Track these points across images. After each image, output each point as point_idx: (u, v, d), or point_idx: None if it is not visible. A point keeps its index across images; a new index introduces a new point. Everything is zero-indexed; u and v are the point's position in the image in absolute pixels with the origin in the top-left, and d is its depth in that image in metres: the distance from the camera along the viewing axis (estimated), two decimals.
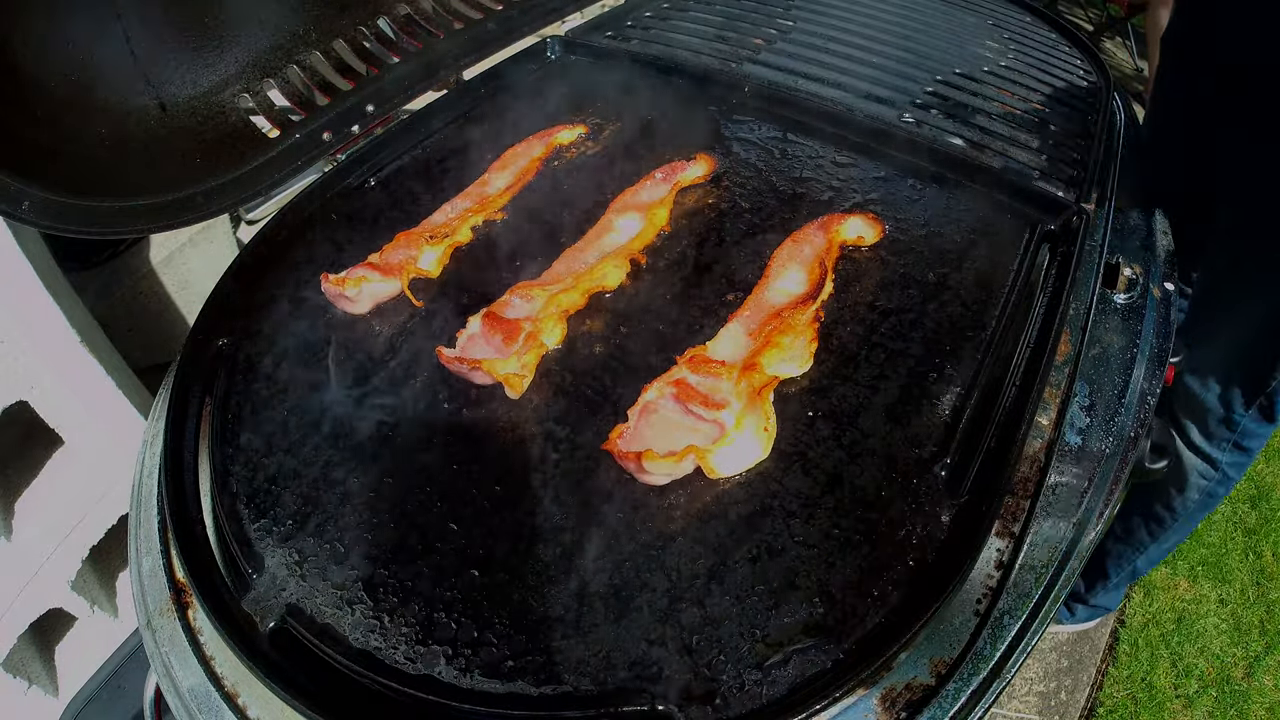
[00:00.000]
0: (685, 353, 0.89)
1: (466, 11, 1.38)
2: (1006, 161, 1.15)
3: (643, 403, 0.85)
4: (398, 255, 1.05)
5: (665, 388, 0.86)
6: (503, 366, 0.88)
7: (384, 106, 1.24)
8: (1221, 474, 1.62)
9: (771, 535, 0.76)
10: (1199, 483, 1.65)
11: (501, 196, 1.16)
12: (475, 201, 1.15)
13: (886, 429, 0.84)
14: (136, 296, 1.67)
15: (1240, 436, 1.54)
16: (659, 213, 1.10)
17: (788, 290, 0.98)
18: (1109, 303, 0.99)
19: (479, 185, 1.19)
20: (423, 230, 1.09)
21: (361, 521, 0.80)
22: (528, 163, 1.22)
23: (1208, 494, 1.67)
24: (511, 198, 1.17)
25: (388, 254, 1.05)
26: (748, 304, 0.97)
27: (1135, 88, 4.73)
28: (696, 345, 0.91)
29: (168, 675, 0.75)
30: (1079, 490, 0.81)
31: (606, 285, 1.01)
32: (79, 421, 1.28)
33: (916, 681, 0.67)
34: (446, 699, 0.66)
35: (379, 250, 1.06)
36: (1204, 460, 1.62)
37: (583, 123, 1.32)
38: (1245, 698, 2.05)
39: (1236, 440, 1.55)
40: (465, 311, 0.99)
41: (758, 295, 0.98)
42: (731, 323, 0.95)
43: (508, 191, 1.18)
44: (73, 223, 0.91)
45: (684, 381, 0.86)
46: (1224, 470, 1.61)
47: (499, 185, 1.18)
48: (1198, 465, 1.63)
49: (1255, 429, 1.53)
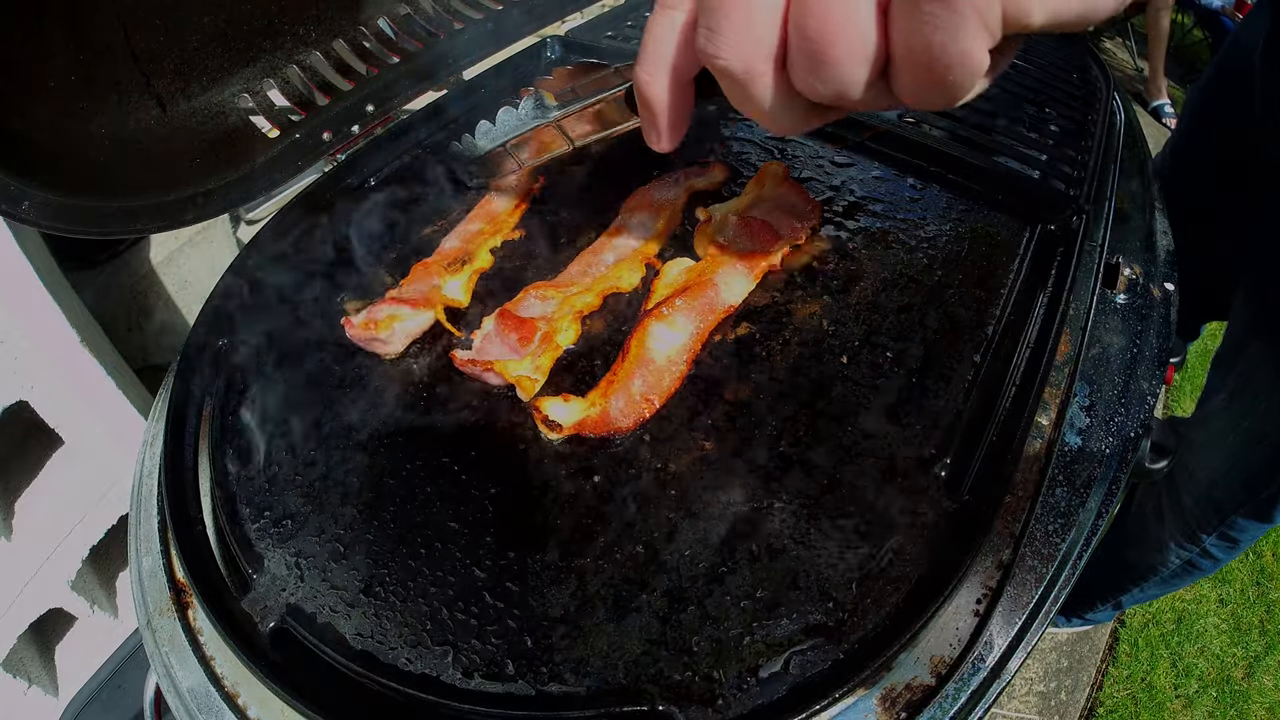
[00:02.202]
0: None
1: (466, 11, 1.38)
2: (1006, 161, 1.15)
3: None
4: (421, 287, 1.00)
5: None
6: (515, 368, 0.89)
7: (384, 106, 1.24)
8: (1202, 550, 1.56)
9: (771, 535, 0.76)
10: (1177, 551, 1.59)
11: (512, 215, 1.13)
12: (486, 222, 1.11)
13: (886, 429, 0.84)
14: (136, 296, 1.68)
15: (1229, 527, 1.49)
16: (671, 214, 1.10)
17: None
18: (1109, 303, 0.99)
19: (484, 205, 1.14)
20: (439, 259, 1.05)
21: (362, 521, 0.80)
22: (528, 180, 1.18)
23: (1188, 563, 1.61)
24: (523, 214, 1.14)
25: (406, 288, 1.00)
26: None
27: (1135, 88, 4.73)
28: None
29: (168, 675, 0.75)
30: (1079, 490, 0.81)
31: (620, 287, 1.02)
32: (79, 421, 1.28)
33: (916, 681, 0.67)
34: (447, 699, 0.66)
35: (397, 284, 1.01)
36: (1184, 534, 1.55)
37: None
38: (1245, 698, 2.05)
39: (1224, 530, 1.49)
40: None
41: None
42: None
43: (516, 210, 1.14)
44: (73, 223, 0.91)
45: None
46: (1207, 549, 1.55)
47: (506, 204, 1.14)
48: (1175, 535, 1.56)
49: (1247, 525, 1.46)
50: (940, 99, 0.47)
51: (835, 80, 0.47)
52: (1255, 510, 1.43)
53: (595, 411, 0.85)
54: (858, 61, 0.46)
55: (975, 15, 0.41)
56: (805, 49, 0.46)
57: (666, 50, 0.55)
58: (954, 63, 0.43)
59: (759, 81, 0.50)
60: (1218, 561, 1.58)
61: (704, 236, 1.06)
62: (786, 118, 0.53)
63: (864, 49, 0.45)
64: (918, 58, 0.44)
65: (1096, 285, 0.97)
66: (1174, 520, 1.57)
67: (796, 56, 0.47)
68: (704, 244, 1.05)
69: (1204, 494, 1.49)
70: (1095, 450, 0.84)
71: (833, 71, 0.46)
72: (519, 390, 0.89)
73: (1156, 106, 4.57)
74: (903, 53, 0.45)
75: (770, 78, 0.50)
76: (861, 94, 0.48)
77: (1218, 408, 1.45)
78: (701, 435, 0.85)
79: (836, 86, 0.47)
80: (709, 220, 1.08)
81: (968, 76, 0.44)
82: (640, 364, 0.88)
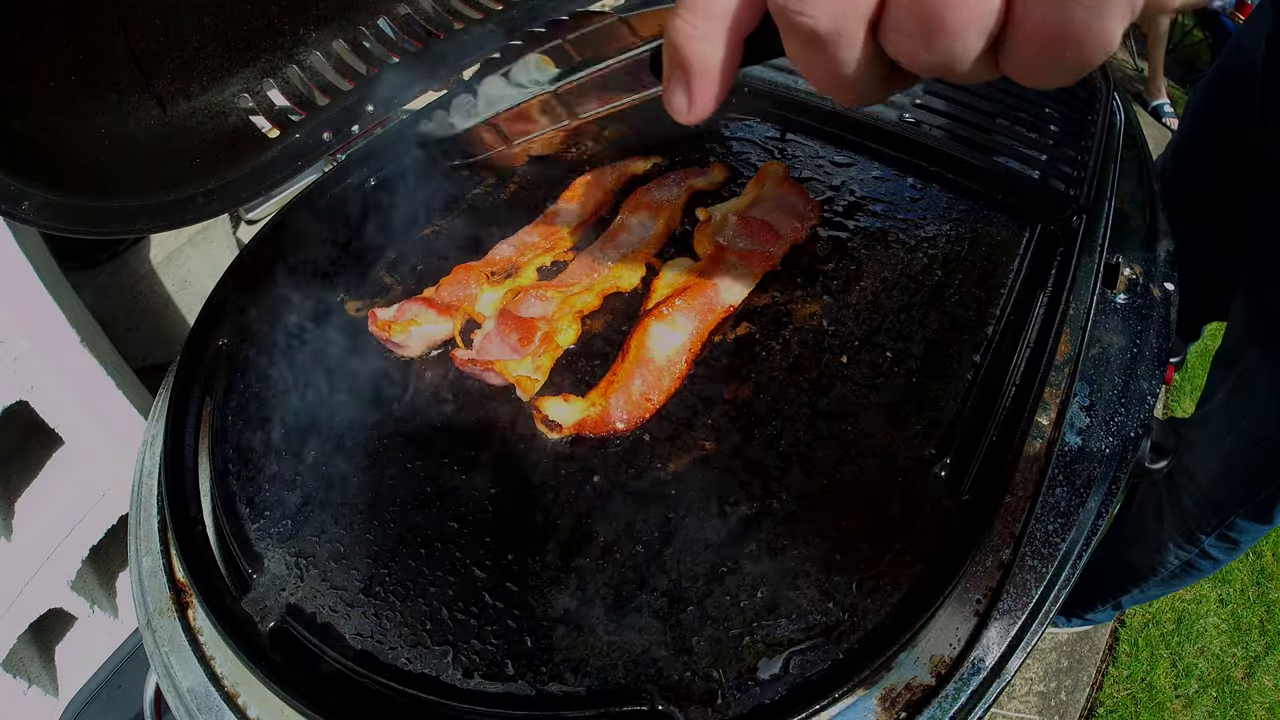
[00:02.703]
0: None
1: (466, 11, 1.38)
2: (1006, 161, 1.15)
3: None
4: (457, 292, 0.96)
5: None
6: (516, 368, 0.89)
7: (384, 106, 1.24)
8: (1201, 551, 1.56)
9: (771, 535, 0.76)
10: (1176, 552, 1.59)
11: (574, 233, 1.09)
12: (544, 237, 1.07)
13: (886, 429, 0.84)
14: (136, 296, 1.67)
15: (1228, 529, 1.49)
16: (671, 214, 1.10)
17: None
18: (1109, 303, 0.99)
19: (549, 218, 1.10)
20: (484, 265, 1.01)
21: (362, 521, 0.80)
22: (600, 194, 1.15)
23: (1187, 564, 1.61)
24: (581, 234, 1.10)
25: (443, 290, 0.96)
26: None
27: (1135, 88, 4.73)
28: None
29: (168, 675, 0.75)
30: (1079, 490, 0.81)
31: (620, 287, 1.02)
32: (79, 421, 1.28)
33: (916, 681, 0.67)
34: (446, 699, 0.66)
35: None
36: (1184, 535, 1.55)
37: (658, 154, 1.24)
38: (1245, 698, 2.05)
39: (1224, 531, 1.50)
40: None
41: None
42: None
43: (579, 228, 1.10)
44: (73, 223, 0.90)
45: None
46: (1206, 550, 1.55)
47: (570, 219, 1.10)
48: (1175, 535, 1.57)
49: (1247, 526, 1.47)
50: (1054, 78, 0.42)
51: (944, 50, 0.42)
52: (1254, 511, 1.43)
53: (595, 411, 0.85)
54: (975, 31, 0.41)
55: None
56: (917, 13, 0.41)
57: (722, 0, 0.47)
58: (1089, 41, 0.39)
59: (847, 45, 0.44)
60: (1217, 563, 1.58)
61: (704, 236, 1.06)
62: (863, 87, 0.47)
63: (985, 18, 0.40)
64: (1049, 32, 0.40)
65: (1096, 285, 0.97)
66: (1173, 521, 1.57)
67: (903, 20, 0.42)
68: (704, 244, 1.05)
69: (1203, 495, 1.50)
70: (1095, 450, 0.84)
71: (945, 40, 0.41)
72: (519, 390, 0.89)
73: (1156, 106, 4.56)
74: (1031, 25, 0.40)
75: (860, 40, 0.44)
76: (969, 67, 0.43)
77: (1216, 408, 1.46)
78: (701, 435, 0.85)
79: (944, 57, 0.42)
80: (709, 220, 1.08)
81: (1097, 56, 0.40)
82: (640, 364, 0.88)
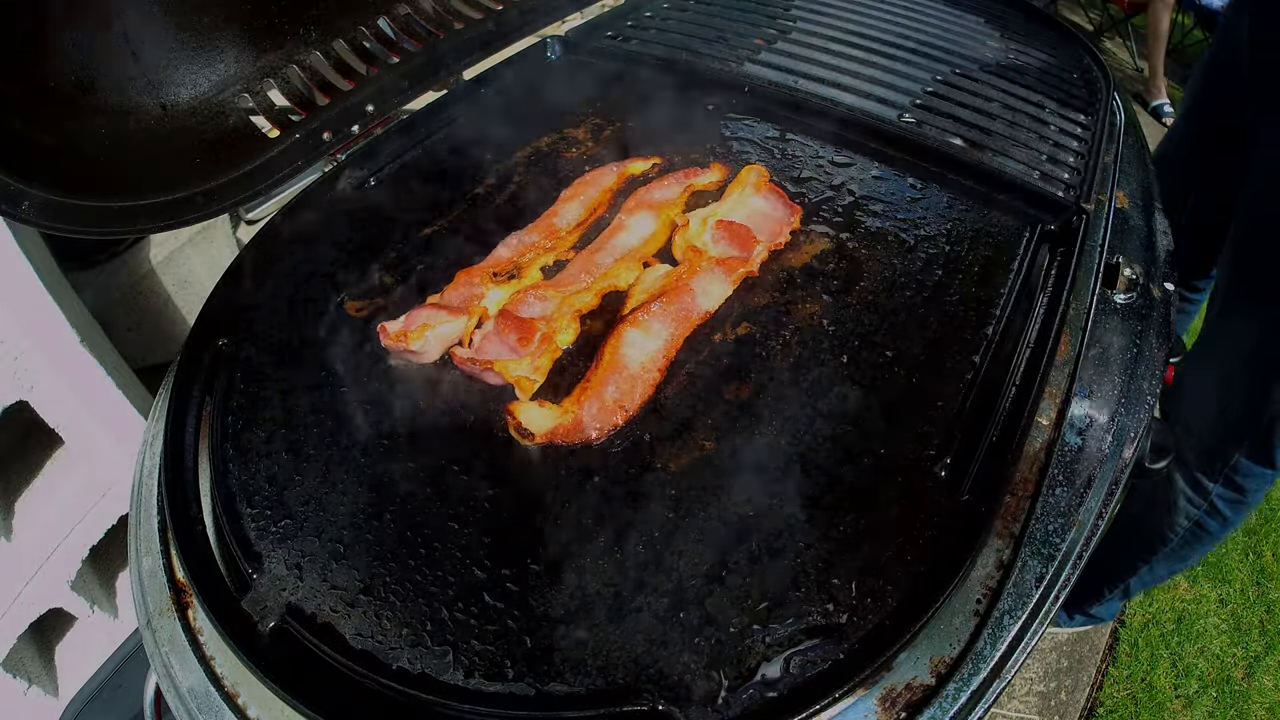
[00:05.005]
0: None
1: (466, 11, 1.38)
2: (1006, 161, 1.15)
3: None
4: (463, 293, 0.97)
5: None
6: (515, 368, 0.88)
7: (384, 106, 1.25)
8: (1210, 505, 1.60)
9: (771, 535, 0.76)
10: (1186, 508, 1.63)
11: (573, 233, 1.10)
12: (545, 236, 1.08)
13: (886, 429, 0.84)
14: (136, 296, 1.68)
15: (1233, 471, 1.52)
16: (671, 214, 1.10)
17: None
18: (1109, 303, 0.99)
19: (548, 218, 1.11)
20: (487, 266, 1.01)
21: (362, 521, 0.80)
22: (599, 194, 1.15)
23: (1197, 524, 1.64)
24: (582, 234, 1.11)
25: (449, 294, 0.97)
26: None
27: (1135, 88, 4.73)
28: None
29: (168, 675, 0.75)
30: (1079, 490, 0.81)
31: (619, 286, 1.01)
32: (79, 421, 1.28)
33: (916, 681, 0.67)
34: (447, 699, 0.66)
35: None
36: (1192, 486, 1.59)
37: (658, 154, 1.25)
38: (1245, 698, 2.05)
39: (1229, 474, 1.53)
40: None
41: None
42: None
43: (579, 227, 1.11)
44: (73, 223, 0.91)
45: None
46: (1214, 502, 1.59)
47: (570, 219, 1.10)
48: (1185, 490, 1.61)
49: (1250, 468, 1.50)
50: None
51: None
52: (1254, 449, 1.47)
53: (568, 419, 0.84)
54: None
55: None
56: None
57: None
58: None
59: None
60: (1226, 522, 1.62)
61: (682, 241, 1.06)
62: None
63: None
64: None
65: (1096, 285, 0.97)
66: (1182, 477, 1.62)
67: None
68: (682, 248, 1.05)
69: (1202, 445, 1.54)
70: (1095, 450, 0.84)
71: None
72: (518, 390, 0.88)
73: (1156, 106, 4.56)
74: None
75: None
76: None
77: (1196, 354, 1.53)
78: (701, 435, 0.85)
79: None
80: (687, 225, 1.08)
81: None
82: (613, 370, 0.88)
